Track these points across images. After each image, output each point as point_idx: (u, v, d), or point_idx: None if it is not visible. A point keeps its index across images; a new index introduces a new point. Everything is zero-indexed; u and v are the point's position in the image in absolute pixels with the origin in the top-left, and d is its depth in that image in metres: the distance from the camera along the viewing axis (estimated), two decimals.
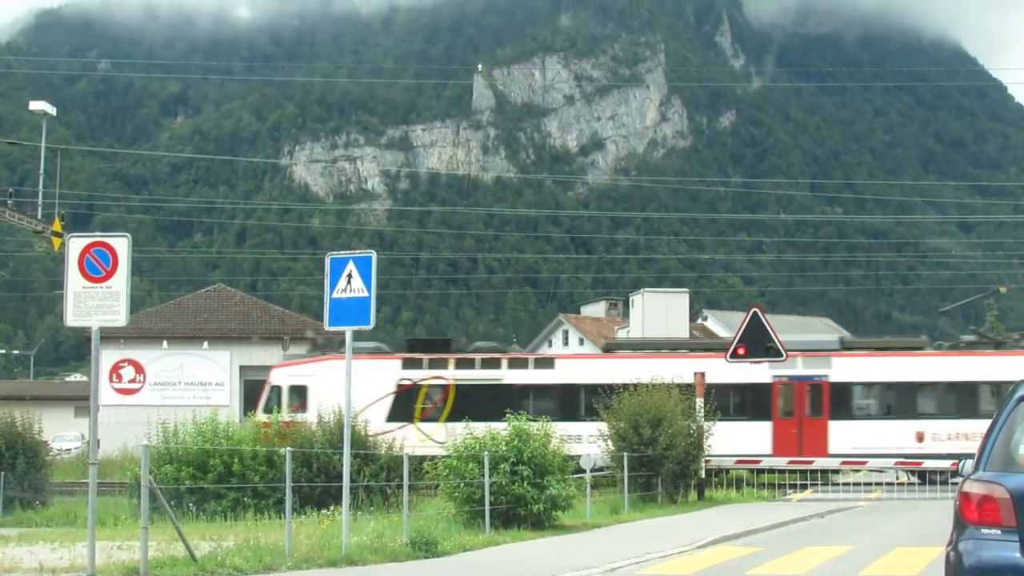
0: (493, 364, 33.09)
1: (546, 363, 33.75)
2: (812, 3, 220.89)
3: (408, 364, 32.81)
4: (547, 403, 32.00)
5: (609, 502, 24.15)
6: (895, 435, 30.98)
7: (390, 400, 31.82)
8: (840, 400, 31.94)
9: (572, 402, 32.31)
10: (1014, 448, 7.18)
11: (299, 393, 32.35)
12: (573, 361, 34.62)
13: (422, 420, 31.60)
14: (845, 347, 33.77)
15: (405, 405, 31.90)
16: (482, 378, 32.60)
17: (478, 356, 33.69)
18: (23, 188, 47.23)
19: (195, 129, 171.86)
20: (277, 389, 33.24)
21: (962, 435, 30.98)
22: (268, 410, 32.33)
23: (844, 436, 30.91)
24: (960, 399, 31.79)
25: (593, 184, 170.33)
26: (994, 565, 6.86)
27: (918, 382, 32.38)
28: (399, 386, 32.43)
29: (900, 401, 32.14)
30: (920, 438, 31.14)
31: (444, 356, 33.27)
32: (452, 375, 32.36)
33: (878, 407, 32.81)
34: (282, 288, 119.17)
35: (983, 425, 29.38)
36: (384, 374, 32.52)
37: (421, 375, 32.47)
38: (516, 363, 33.41)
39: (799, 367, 32.08)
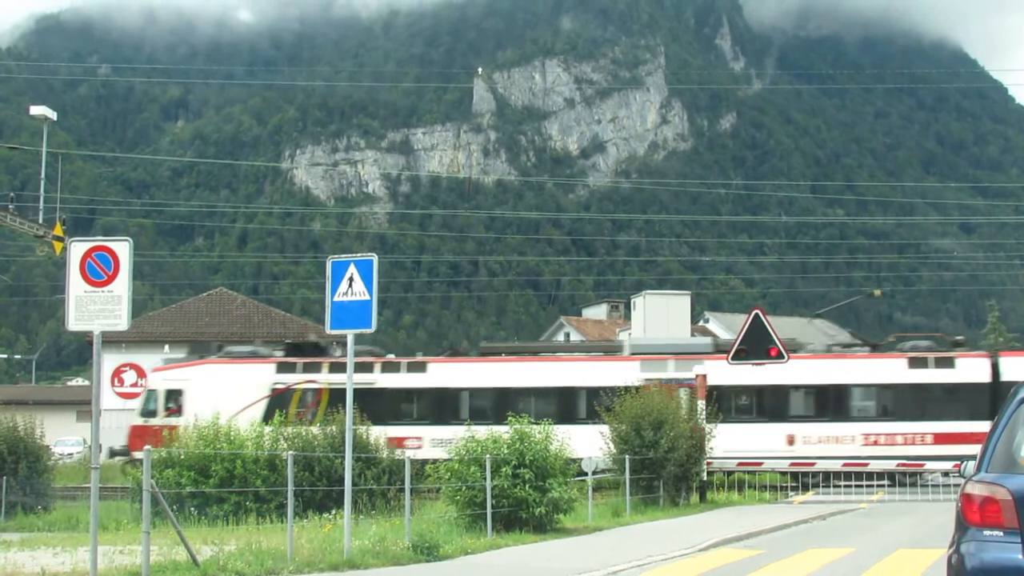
0: (366, 368, 32.82)
1: (419, 367, 33.46)
2: (812, 6, 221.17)
3: (282, 368, 33.00)
4: (420, 407, 32.10)
5: (611, 505, 24.15)
6: (766, 438, 30.80)
7: (264, 403, 31.79)
8: (711, 403, 32.01)
9: (444, 406, 32.23)
10: (1016, 450, 7.18)
11: (175, 397, 32.50)
12: (445, 365, 34.33)
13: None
14: (718, 350, 33.73)
15: (279, 408, 32.18)
16: (355, 382, 32.73)
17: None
18: (24, 193, 47.22)
19: (196, 133, 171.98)
20: (154, 392, 33.35)
21: (832, 438, 30.85)
22: (146, 413, 32.47)
23: (714, 439, 31.02)
24: (831, 402, 31.60)
25: (594, 186, 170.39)
26: (996, 567, 6.85)
27: (789, 385, 32.17)
28: (273, 390, 32.58)
29: (771, 404, 31.94)
30: (791, 441, 31.00)
31: (318, 360, 33.35)
32: (325, 379, 32.38)
33: (749, 410, 32.53)
34: (284, 292, 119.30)
35: (853, 428, 29.31)
36: (258, 378, 32.81)
37: (295, 379, 32.63)
38: (389, 367, 33.39)
39: (670, 370, 32.07)
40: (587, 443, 25.57)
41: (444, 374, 33.23)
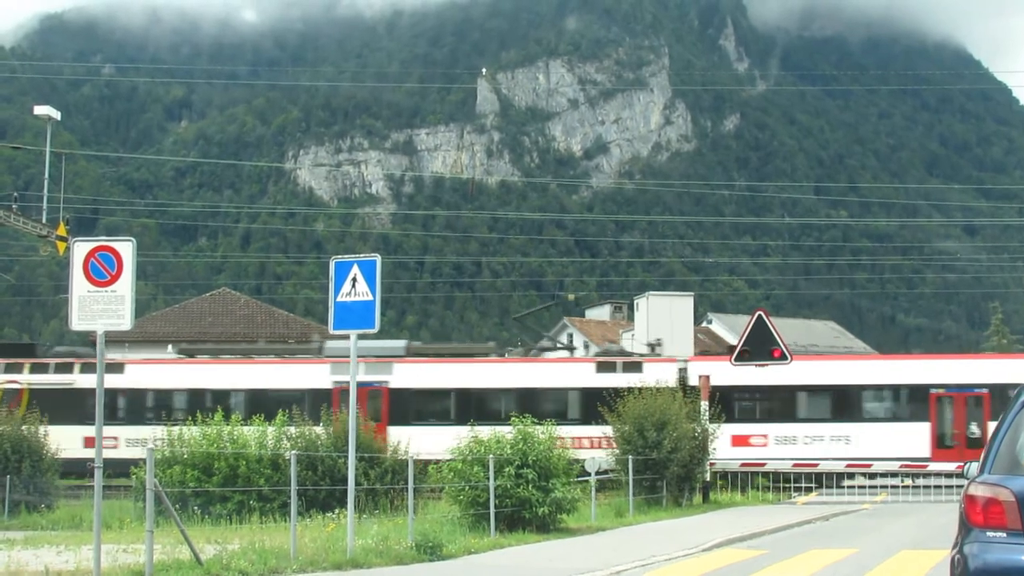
0: (66, 369, 33.52)
1: (116, 368, 33.36)
2: (816, 6, 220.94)
3: None
4: (117, 407, 32.27)
5: (614, 505, 24.17)
6: (454, 441, 30.87)
7: None
8: (399, 406, 31.75)
9: (140, 406, 32.60)
10: (1019, 451, 7.18)
11: None
12: (143, 367, 34.40)
13: None
14: (410, 353, 33.69)
15: None
16: (55, 382, 33.21)
17: (52, 361, 34.26)
18: (28, 192, 47.29)
19: (199, 133, 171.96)
20: None
21: None
22: None
23: (403, 443, 30.92)
24: (524, 406, 31.63)
25: (597, 187, 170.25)
26: (999, 568, 6.86)
27: (480, 388, 32.29)
28: None
29: (461, 407, 31.84)
30: None
31: (20, 360, 33.90)
32: (26, 379, 32.83)
33: (439, 413, 32.49)
34: (287, 292, 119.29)
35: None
36: None
37: None
38: (87, 368, 33.43)
39: (360, 373, 32.10)
40: None
41: (140, 375, 33.82)
